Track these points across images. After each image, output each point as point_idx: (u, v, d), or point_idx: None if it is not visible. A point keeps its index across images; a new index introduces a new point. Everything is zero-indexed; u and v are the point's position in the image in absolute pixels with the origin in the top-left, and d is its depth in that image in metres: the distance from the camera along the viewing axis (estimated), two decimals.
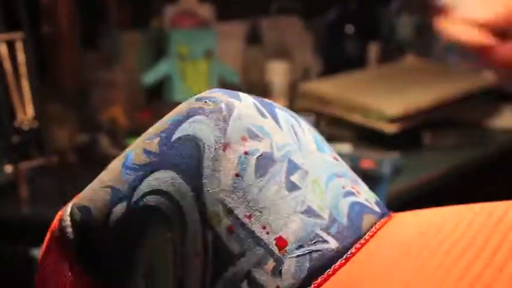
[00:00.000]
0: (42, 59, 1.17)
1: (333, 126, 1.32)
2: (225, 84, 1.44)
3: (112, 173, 0.31)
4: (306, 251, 0.28)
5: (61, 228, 0.32)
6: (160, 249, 0.29)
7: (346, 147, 1.23)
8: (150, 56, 1.41)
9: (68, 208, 0.33)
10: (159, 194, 0.29)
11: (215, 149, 0.29)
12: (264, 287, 0.28)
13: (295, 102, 1.40)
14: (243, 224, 0.28)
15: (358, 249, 0.29)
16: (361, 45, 1.56)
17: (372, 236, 0.30)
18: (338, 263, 0.28)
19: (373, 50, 1.56)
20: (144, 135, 0.32)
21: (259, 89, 1.45)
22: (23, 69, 1.00)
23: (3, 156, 1.03)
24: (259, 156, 0.30)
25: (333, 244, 0.29)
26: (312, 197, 0.30)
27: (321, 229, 0.29)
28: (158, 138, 0.30)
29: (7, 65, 0.98)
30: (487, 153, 1.28)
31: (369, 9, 1.61)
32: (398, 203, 1.06)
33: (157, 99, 1.41)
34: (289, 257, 0.28)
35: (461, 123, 1.35)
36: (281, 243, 0.28)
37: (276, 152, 0.30)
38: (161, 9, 1.40)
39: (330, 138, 1.28)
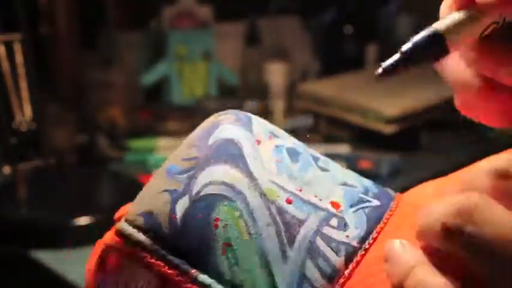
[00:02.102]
0: (40, 59, 1.17)
1: (331, 126, 1.32)
2: (223, 85, 1.44)
3: (159, 182, 0.34)
4: (359, 208, 0.33)
5: (126, 239, 0.32)
6: (231, 226, 0.31)
7: (344, 148, 1.23)
8: (149, 56, 1.41)
9: (121, 225, 0.33)
10: (216, 184, 0.32)
11: (251, 143, 0.34)
12: (335, 239, 0.32)
13: (294, 102, 1.40)
14: (297, 196, 0.33)
15: (396, 205, 0.34)
16: (359, 45, 1.56)
17: (399, 199, 0.35)
18: (386, 214, 0.34)
19: (372, 50, 1.56)
20: (176, 153, 0.35)
21: (258, 89, 1.45)
22: (21, 70, 1.00)
23: (1, 157, 1.03)
24: (287, 148, 0.35)
25: (375, 202, 0.34)
26: (341, 176, 0.35)
27: (361, 194, 0.34)
28: (194, 148, 0.34)
29: (5, 66, 0.98)
30: (485, 153, 1.28)
31: (367, 10, 1.61)
32: None
33: (155, 100, 1.41)
34: (347, 214, 0.33)
35: (459, 123, 1.36)
36: (335, 205, 0.33)
37: (297, 147, 0.36)
38: (160, 10, 1.40)
39: (328, 139, 1.29)
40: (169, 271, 0.31)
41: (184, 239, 0.31)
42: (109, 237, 0.34)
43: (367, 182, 0.36)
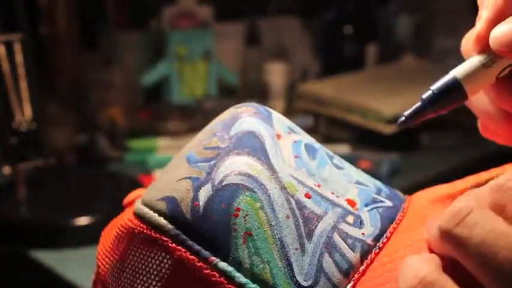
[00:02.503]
0: (40, 59, 1.17)
1: (331, 126, 1.32)
2: (223, 85, 1.44)
3: (179, 170, 0.34)
4: (373, 207, 0.34)
5: (148, 223, 0.32)
6: (252, 216, 0.32)
7: (344, 148, 1.23)
8: (149, 56, 1.41)
9: (140, 208, 0.33)
10: (239, 174, 0.33)
11: (271, 137, 0.35)
12: (352, 235, 0.32)
13: (294, 102, 1.40)
14: (316, 191, 0.33)
15: (407, 207, 0.35)
16: (359, 45, 1.56)
17: (410, 201, 0.36)
18: (399, 215, 0.35)
19: (372, 50, 1.57)
20: (195, 141, 0.36)
21: (258, 89, 1.45)
22: (21, 70, 1.00)
23: (1, 157, 1.03)
24: (305, 144, 0.36)
25: (387, 203, 0.35)
26: (355, 175, 0.36)
27: (374, 194, 0.35)
28: (216, 138, 0.35)
29: (5, 66, 0.98)
30: (485, 153, 1.28)
31: (367, 10, 1.61)
32: None
33: (155, 100, 1.41)
34: (362, 212, 0.34)
35: (459, 123, 1.35)
36: (351, 203, 0.34)
37: (314, 143, 0.37)
38: (160, 10, 1.40)
39: (328, 139, 1.29)
40: (191, 257, 0.31)
41: (206, 226, 0.31)
42: (127, 218, 0.34)
43: (379, 183, 0.37)
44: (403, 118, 0.33)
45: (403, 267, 0.26)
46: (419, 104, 0.33)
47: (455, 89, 0.32)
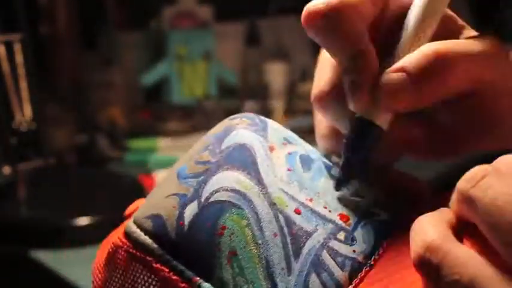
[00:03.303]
0: (40, 59, 1.17)
1: None
2: (223, 85, 1.44)
3: (169, 186, 0.33)
4: (367, 222, 0.33)
5: (134, 242, 0.32)
6: (237, 235, 0.31)
7: None
8: (149, 56, 1.41)
9: (129, 226, 0.33)
10: (226, 190, 0.32)
11: (264, 150, 0.34)
12: (341, 253, 0.31)
13: (294, 103, 1.40)
14: (307, 206, 0.32)
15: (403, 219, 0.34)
16: None
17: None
18: (394, 230, 0.33)
19: None
20: (189, 154, 0.34)
21: (258, 89, 1.45)
22: (21, 70, 1.00)
23: (1, 157, 1.03)
24: (301, 155, 0.35)
25: (383, 216, 0.34)
26: (353, 184, 0.35)
27: (371, 206, 0.34)
28: (207, 151, 0.34)
29: (5, 66, 0.98)
30: (485, 153, 1.28)
31: None
32: None
33: (155, 100, 1.41)
34: (355, 228, 0.32)
35: None
36: (344, 218, 0.33)
37: (310, 154, 0.36)
38: (160, 10, 1.40)
39: None
40: (174, 277, 0.31)
41: (190, 246, 0.31)
42: (117, 237, 0.33)
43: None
44: (337, 183, 0.34)
45: (415, 229, 0.27)
46: (342, 159, 0.34)
47: (368, 128, 0.33)
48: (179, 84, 1.39)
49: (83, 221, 0.93)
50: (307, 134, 0.38)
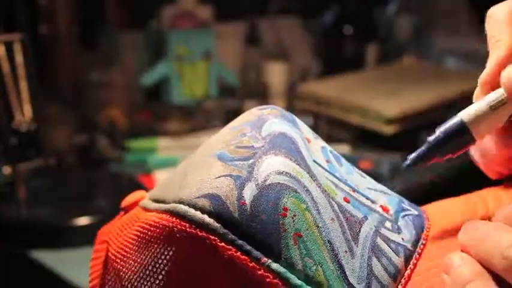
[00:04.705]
0: (40, 60, 1.17)
1: (331, 127, 1.32)
2: (223, 85, 1.44)
3: (213, 168, 0.31)
4: (404, 215, 0.34)
5: (190, 221, 0.30)
6: (300, 217, 0.30)
7: (345, 148, 1.23)
8: (149, 56, 1.41)
9: (177, 206, 0.31)
10: (281, 174, 0.31)
11: (303, 140, 0.34)
12: (394, 240, 0.32)
13: (294, 103, 1.40)
14: (352, 196, 0.33)
15: (428, 217, 0.35)
16: (359, 46, 1.56)
17: (425, 210, 0.37)
18: (426, 223, 0.34)
19: (372, 51, 1.56)
20: (222, 140, 0.33)
21: (258, 89, 1.45)
22: (21, 70, 1.00)
23: (1, 157, 1.03)
24: (330, 150, 0.36)
25: (414, 211, 0.35)
26: (375, 184, 0.36)
27: (401, 202, 0.35)
28: (246, 137, 0.33)
29: (5, 66, 0.98)
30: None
31: (367, 10, 1.61)
32: None
33: (155, 100, 1.41)
34: (397, 218, 0.33)
35: None
36: (385, 209, 0.34)
37: (335, 151, 0.36)
38: (160, 10, 1.40)
39: (328, 139, 1.28)
40: (242, 257, 0.29)
41: (255, 226, 0.30)
42: (156, 217, 0.31)
43: (396, 193, 0.37)
44: (408, 161, 0.33)
45: (452, 271, 0.27)
46: (424, 147, 0.33)
47: (462, 132, 0.31)
48: (179, 84, 1.39)
49: (83, 221, 0.93)
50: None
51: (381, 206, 0.33)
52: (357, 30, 1.55)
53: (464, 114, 0.32)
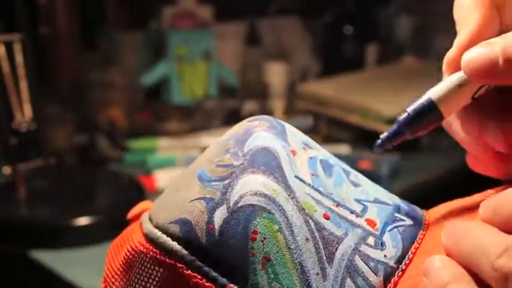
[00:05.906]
0: (40, 60, 1.17)
1: (331, 127, 1.32)
2: (223, 85, 1.44)
3: (192, 189, 0.32)
4: (393, 227, 0.33)
5: (160, 247, 0.31)
6: (270, 240, 0.30)
7: (344, 148, 1.23)
8: (149, 57, 1.41)
9: (152, 230, 0.31)
10: (255, 194, 0.31)
11: (287, 154, 0.33)
12: (373, 258, 0.31)
13: (294, 103, 1.40)
14: (334, 211, 0.32)
15: (427, 224, 0.34)
16: (359, 46, 1.56)
17: (428, 216, 0.35)
18: (419, 234, 0.33)
19: (372, 51, 1.57)
20: (205, 157, 0.33)
21: (258, 89, 1.45)
22: (21, 70, 1.00)
23: (1, 157, 1.03)
24: (321, 160, 0.34)
25: (408, 221, 0.33)
26: (372, 191, 0.35)
27: (394, 212, 0.34)
28: (229, 154, 0.32)
29: (5, 66, 0.98)
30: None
31: (367, 11, 1.61)
32: None
33: (155, 100, 1.41)
34: (383, 233, 0.32)
35: None
36: (371, 223, 0.32)
37: (329, 158, 0.35)
38: (160, 10, 1.40)
39: (328, 139, 1.28)
40: (207, 284, 0.29)
41: (222, 251, 0.30)
42: (137, 242, 0.32)
43: (397, 198, 0.35)
44: (380, 141, 0.33)
45: (431, 273, 0.27)
46: (395, 126, 0.33)
47: (431, 110, 0.32)
48: (179, 84, 1.39)
49: (83, 221, 0.93)
50: (307, 134, 0.37)
51: (367, 219, 0.32)
52: (357, 30, 1.55)
53: (433, 92, 0.32)
